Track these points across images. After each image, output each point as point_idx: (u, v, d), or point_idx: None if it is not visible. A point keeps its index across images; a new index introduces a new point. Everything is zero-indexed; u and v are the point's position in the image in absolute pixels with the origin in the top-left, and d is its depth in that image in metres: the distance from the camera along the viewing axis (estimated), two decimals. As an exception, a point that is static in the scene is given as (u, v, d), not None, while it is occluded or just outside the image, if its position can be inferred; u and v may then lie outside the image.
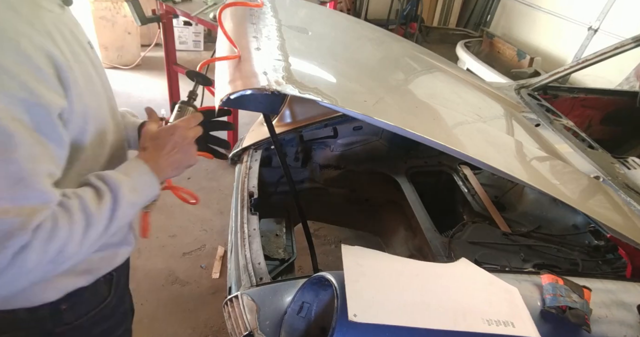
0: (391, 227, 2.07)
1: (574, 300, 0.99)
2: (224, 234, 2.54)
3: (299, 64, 1.13)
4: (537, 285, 1.06)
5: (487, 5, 6.39)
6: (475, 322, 0.91)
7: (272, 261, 1.48)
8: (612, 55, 2.09)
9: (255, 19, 1.36)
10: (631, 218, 1.32)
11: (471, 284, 1.05)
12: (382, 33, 2.06)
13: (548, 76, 2.34)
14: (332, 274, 0.97)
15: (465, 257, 1.15)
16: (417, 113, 1.28)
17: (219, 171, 3.08)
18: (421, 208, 1.76)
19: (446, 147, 1.03)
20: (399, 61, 1.79)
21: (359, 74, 1.39)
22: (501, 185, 2.04)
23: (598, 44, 4.42)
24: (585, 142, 1.79)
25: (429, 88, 1.63)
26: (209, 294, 2.20)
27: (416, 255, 1.79)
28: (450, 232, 1.69)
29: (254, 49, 1.16)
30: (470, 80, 2.02)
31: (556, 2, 5.08)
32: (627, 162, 1.72)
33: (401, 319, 0.88)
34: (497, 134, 1.51)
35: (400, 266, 1.06)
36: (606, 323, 1.01)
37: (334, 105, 0.97)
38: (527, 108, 2.05)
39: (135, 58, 4.32)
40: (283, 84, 0.97)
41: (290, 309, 1.03)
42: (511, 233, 1.69)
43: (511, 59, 4.49)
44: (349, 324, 0.85)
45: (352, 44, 1.74)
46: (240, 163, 1.74)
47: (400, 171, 2.00)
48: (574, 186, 1.38)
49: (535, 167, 1.36)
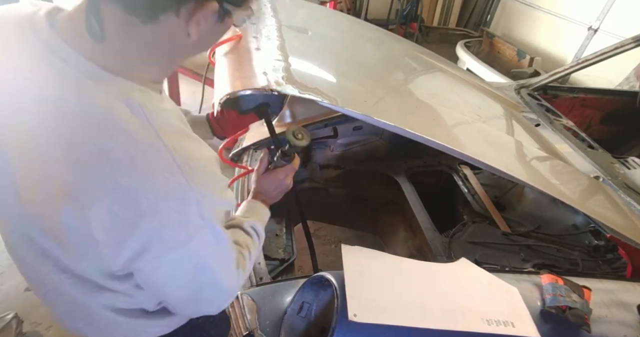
0: (391, 227, 2.07)
1: (574, 300, 0.99)
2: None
3: (299, 64, 1.13)
4: (537, 285, 1.06)
5: (487, 5, 6.39)
6: (475, 322, 0.91)
7: (272, 260, 1.48)
8: (612, 55, 2.09)
9: (255, 19, 1.36)
10: (631, 218, 1.32)
11: (471, 284, 1.05)
12: (382, 33, 2.06)
13: (548, 76, 2.34)
14: (332, 274, 0.97)
15: (465, 257, 1.15)
16: (417, 113, 1.28)
17: (219, 171, 3.07)
18: (421, 208, 1.76)
19: (446, 147, 1.03)
20: (399, 61, 1.79)
21: (359, 74, 1.39)
22: (501, 185, 2.04)
23: (598, 44, 4.42)
24: (585, 142, 1.79)
25: (429, 88, 1.63)
26: (209, 294, 2.20)
27: (416, 255, 1.79)
28: (450, 232, 1.69)
29: (254, 49, 1.16)
30: (470, 80, 2.02)
31: (556, 2, 5.08)
32: (627, 162, 1.72)
33: (401, 319, 0.88)
34: (497, 134, 1.51)
35: (400, 265, 1.06)
36: (606, 323, 1.01)
37: (334, 105, 0.97)
38: (527, 108, 2.05)
39: (135, 58, 4.31)
40: (283, 84, 0.97)
41: (290, 309, 1.04)
42: (511, 233, 1.69)
43: (511, 59, 4.49)
44: (349, 324, 0.85)
45: (352, 44, 1.74)
46: (241, 163, 1.74)
47: (400, 171, 1.99)
48: (573, 186, 1.38)
49: (535, 167, 1.36)
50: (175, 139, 0.61)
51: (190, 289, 0.69)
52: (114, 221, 0.56)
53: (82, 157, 0.55)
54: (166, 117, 0.62)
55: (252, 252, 0.85)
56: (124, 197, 0.56)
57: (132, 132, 0.56)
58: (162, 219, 0.58)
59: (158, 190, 0.57)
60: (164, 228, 0.59)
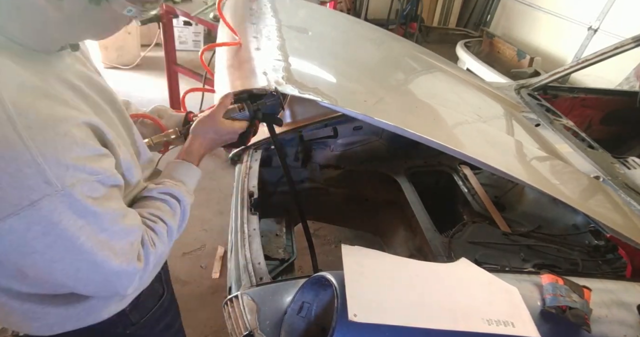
0: (391, 227, 2.07)
1: (574, 300, 0.99)
2: (224, 234, 2.53)
3: (299, 64, 1.13)
4: (537, 285, 1.06)
5: (487, 5, 6.38)
6: (475, 322, 0.91)
7: (272, 260, 1.48)
8: (612, 55, 2.09)
9: (255, 19, 1.36)
10: (631, 218, 1.32)
11: (471, 284, 1.05)
12: (382, 33, 2.06)
13: (548, 76, 2.34)
14: (332, 274, 0.97)
15: (465, 257, 1.15)
16: (417, 113, 1.28)
17: (219, 171, 3.07)
18: (421, 208, 1.76)
19: (446, 147, 1.03)
20: (399, 61, 1.79)
21: (359, 74, 1.39)
22: (501, 185, 2.04)
23: (598, 44, 4.42)
24: (585, 142, 1.79)
25: (429, 88, 1.63)
26: (208, 294, 2.20)
27: (416, 255, 1.79)
28: (450, 232, 1.69)
29: (254, 49, 1.17)
30: (470, 80, 2.02)
31: (556, 2, 5.08)
32: (627, 162, 1.72)
33: (401, 319, 0.88)
34: (497, 134, 1.51)
35: (400, 265, 1.06)
36: (606, 323, 1.01)
37: (334, 105, 0.97)
38: (527, 108, 2.05)
39: (135, 58, 4.31)
40: (283, 84, 0.97)
41: (290, 309, 1.03)
42: (511, 233, 1.69)
43: (511, 59, 4.49)
44: (349, 324, 0.85)
45: (352, 44, 1.74)
46: (240, 163, 1.73)
47: (400, 171, 1.99)
48: (574, 186, 1.38)
49: (535, 167, 1.36)
50: (22, 93, 0.59)
51: (64, 267, 0.65)
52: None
53: None
54: (29, 74, 0.62)
55: (168, 222, 0.80)
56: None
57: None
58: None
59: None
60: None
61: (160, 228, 0.79)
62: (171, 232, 0.82)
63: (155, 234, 0.78)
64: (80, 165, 0.62)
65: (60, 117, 0.61)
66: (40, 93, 0.62)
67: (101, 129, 0.69)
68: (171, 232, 0.82)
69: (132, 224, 0.72)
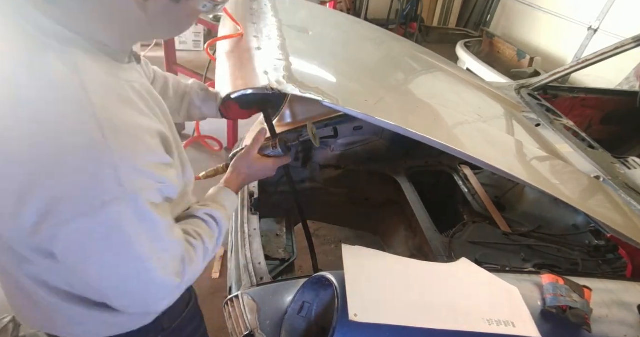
0: (391, 227, 2.07)
1: (575, 300, 0.99)
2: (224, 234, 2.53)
3: (299, 64, 1.13)
4: (537, 285, 1.06)
5: (487, 5, 6.39)
6: (476, 322, 0.91)
7: (272, 260, 1.48)
8: (612, 55, 2.09)
9: (256, 19, 1.36)
10: (631, 218, 1.32)
11: (472, 284, 1.05)
12: (382, 33, 2.06)
13: (548, 76, 2.34)
14: (332, 273, 0.97)
15: (465, 257, 1.15)
16: (418, 113, 1.28)
17: (219, 171, 3.07)
18: (421, 208, 1.76)
19: (447, 147, 1.03)
20: (400, 61, 1.79)
21: (360, 73, 1.39)
22: (501, 185, 2.04)
23: (598, 44, 4.42)
24: (585, 142, 1.79)
25: (429, 88, 1.63)
26: (209, 294, 2.20)
27: (416, 255, 1.79)
28: (450, 232, 1.69)
29: (254, 48, 1.16)
30: (470, 80, 2.02)
31: (556, 2, 5.08)
32: (627, 162, 1.72)
33: (402, 319, 0.88)
34: (498, 133, 1.51)
35: (400, 265, 1.06)
36: (606, 323, 1.01)
37: (335, 105, 0.97)
38: (527, 108, 2.05)
39: (135, 58, 4.31)
40: (284, 84, 0.97)
41: (291, 309, 1.03)
42: (511, 233, 1.69)
43: (511, 59, 4.49)
44: (349, 324, 0.85)
45: (352, 43, 1.74)
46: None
47: (400, 171, 1.99)
48: (574, 186, 1.38)
49: (535, 167, 1.36)
50: (108, 99, 0.60)
51: (112, 273, 0.65)
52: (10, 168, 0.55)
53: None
54: (112, 81, 0.63)
55: (206, 242, 0.82)
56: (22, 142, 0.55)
57: (54, 80, 0.56)
58: (66, 175, 0.55)
59: (65, 142, 0.55)
60: (70, 186, 0.56)
61: (200, 247, 0.80)
62: (207, 253, 0.82)
63: (195, 252, 0.78)
64: (149, 172, 0.63)
65: (138, 124, 0.63)
66: (123, 99, 0.63)
67: (169, 140, 0.70)
68: (207, 252, 0.82)
69: (179, 239, 0.73)
